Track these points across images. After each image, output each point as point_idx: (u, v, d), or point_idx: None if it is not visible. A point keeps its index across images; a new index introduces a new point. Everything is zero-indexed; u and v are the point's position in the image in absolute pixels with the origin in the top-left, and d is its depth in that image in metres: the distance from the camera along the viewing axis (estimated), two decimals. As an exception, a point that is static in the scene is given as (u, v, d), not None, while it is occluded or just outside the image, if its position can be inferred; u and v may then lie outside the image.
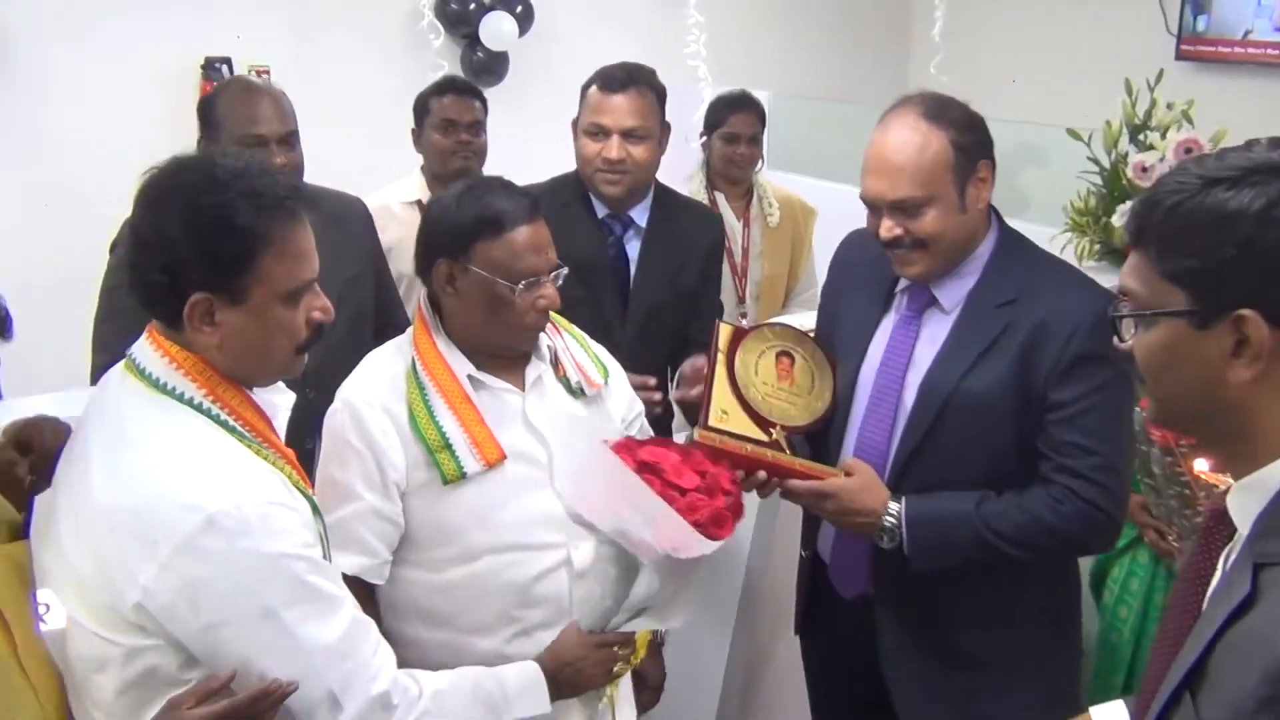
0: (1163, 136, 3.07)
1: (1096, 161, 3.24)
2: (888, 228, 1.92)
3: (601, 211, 2.67)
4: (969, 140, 1.90)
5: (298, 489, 1.52)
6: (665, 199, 2.75)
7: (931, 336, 2.00)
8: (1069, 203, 3.31)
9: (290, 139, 2.51)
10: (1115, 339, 1.25)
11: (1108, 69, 3.55)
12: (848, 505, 1.94)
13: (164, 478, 1.41)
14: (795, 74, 5.75)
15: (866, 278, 2.11)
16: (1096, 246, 3.27)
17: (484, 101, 3.42)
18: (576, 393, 2.01)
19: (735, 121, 3.55)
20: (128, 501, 1.41)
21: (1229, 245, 1.10)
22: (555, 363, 2.02)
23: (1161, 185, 1.18)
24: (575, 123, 2.66)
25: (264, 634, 1.41)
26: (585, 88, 2.64)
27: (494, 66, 5.07)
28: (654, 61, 4.77)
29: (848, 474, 1.97)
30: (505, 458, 1.88)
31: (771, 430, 2.02)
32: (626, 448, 1.92)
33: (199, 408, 1.46)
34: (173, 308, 1.46)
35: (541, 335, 2.02)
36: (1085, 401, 1.86)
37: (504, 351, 1.97)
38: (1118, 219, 3.14)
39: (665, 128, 2.67)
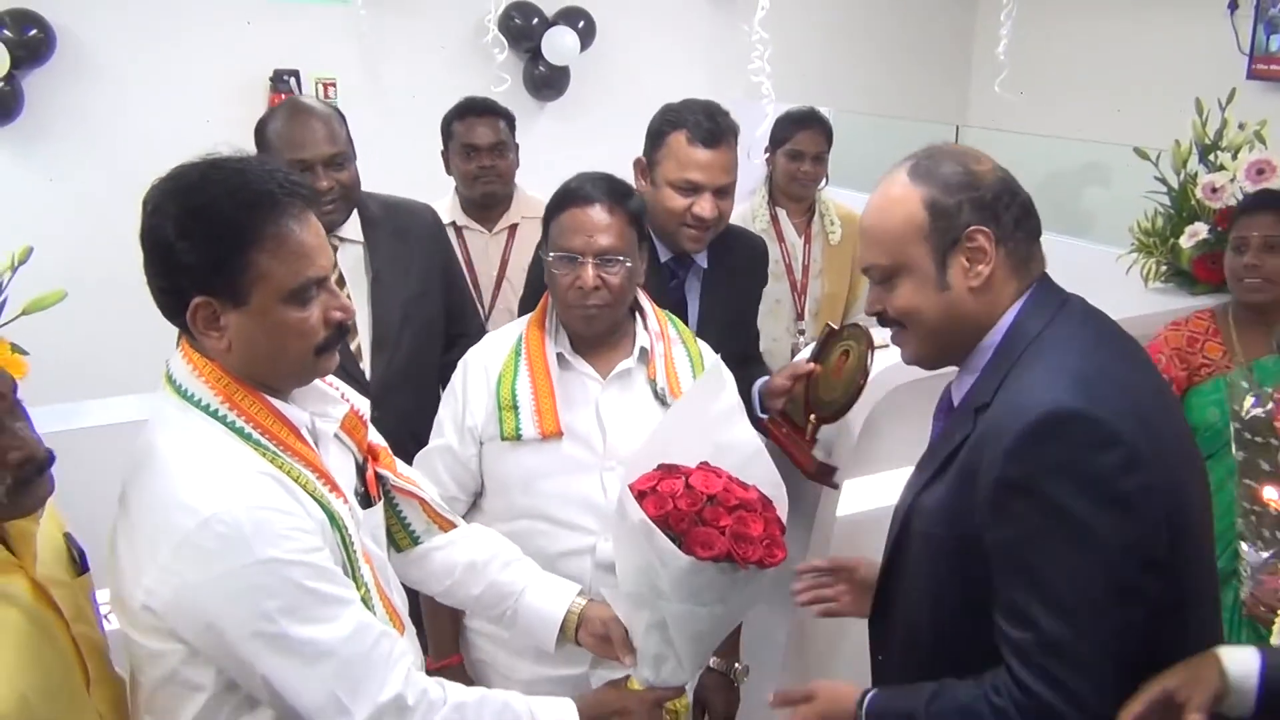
0: (1234, 157, 3.03)
1: (1164, 181, 3.20)
2: (869, 300, 1.65)
3: (664, 255, 2.47)
4: (955, 201, 1.53)
5: (315, 497, 1.47)
6: (721, 234, 2.51)
7: None
8: (1135, 223, 3.27)
9: (338, 159, 2.39)
10: None
11: (1177, 88, 3.51)
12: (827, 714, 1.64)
13: (168, 481, 1.40)
14: (858, 90, 5.73)
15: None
16: (1163, 268, 3.23)
17: (509, 119, 3.32)
18: (661, 397, 2.03)
19: (801, 139, 3.51)
20: (137, 505, 1.43)
21: None
22: (650, 363, 2.06)
23: None
24: (648, 165, 2.42)
25: (262, 637, 1.38)
26: (664, 130, 2.38)
27: (555, 80, 5.11)
28: (716, 77, 4.75)
29: (808, 697, 1.65)
30: (561, 434, 1.98)
31: (810, 417, 2.29)
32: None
33: (214, 414, 1.45)
34: (181, 314, 1.45)
35: (641, 333, 2.07)
36: (1022, 549, 1.41)
37: (575, 331, 2.05)
38: (1185, 240, 3.10)
39: None
